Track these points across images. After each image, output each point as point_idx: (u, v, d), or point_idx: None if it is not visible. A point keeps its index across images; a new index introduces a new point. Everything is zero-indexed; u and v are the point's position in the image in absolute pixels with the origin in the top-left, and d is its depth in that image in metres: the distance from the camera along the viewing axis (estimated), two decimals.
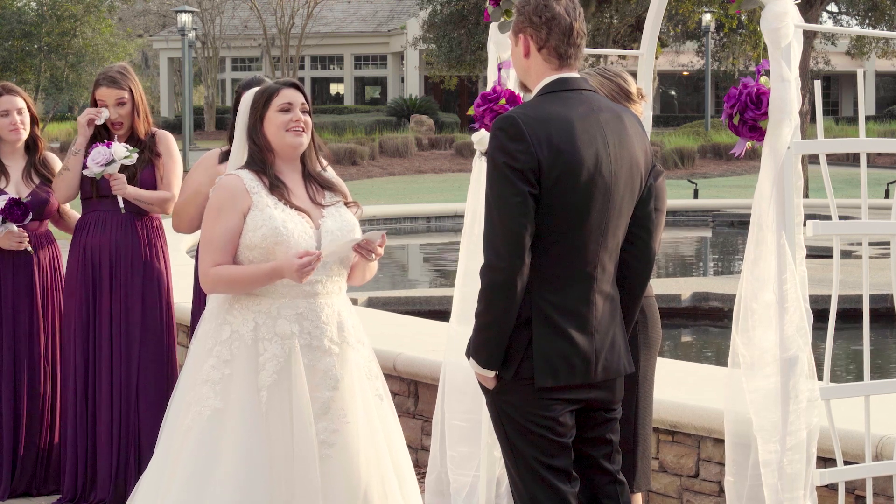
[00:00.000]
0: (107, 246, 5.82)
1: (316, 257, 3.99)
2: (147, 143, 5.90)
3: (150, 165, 5.87)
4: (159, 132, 5.99)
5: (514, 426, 3.61)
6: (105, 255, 5.82)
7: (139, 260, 5.84)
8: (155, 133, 5.97)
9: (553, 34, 3.62)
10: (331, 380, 4.12)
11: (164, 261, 5.95)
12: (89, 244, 5.84)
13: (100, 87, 5.84)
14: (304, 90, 4.26)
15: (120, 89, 5.82)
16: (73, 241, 5.92)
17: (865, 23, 32.89)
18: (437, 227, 20.91)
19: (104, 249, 5.82)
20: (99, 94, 5.84)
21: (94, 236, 5.84)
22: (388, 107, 50.02)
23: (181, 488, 4.04)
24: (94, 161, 5.65)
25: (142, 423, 5.80)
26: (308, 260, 3.98)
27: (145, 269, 5.85)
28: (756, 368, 3.86)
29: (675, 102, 61.03)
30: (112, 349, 5.81)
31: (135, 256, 5.84)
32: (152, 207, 5.85)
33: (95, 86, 5.87)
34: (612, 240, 3.62)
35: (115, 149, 5.66)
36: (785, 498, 3.80)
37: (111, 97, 5.82)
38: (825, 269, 8.74)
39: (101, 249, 5.82)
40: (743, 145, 3.95)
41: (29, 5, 40.07)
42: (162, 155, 5.91)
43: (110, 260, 5.82)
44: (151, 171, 5.88)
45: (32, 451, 6.02)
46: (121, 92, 5.82)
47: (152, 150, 5.90)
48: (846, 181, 24.83)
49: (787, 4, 3.82)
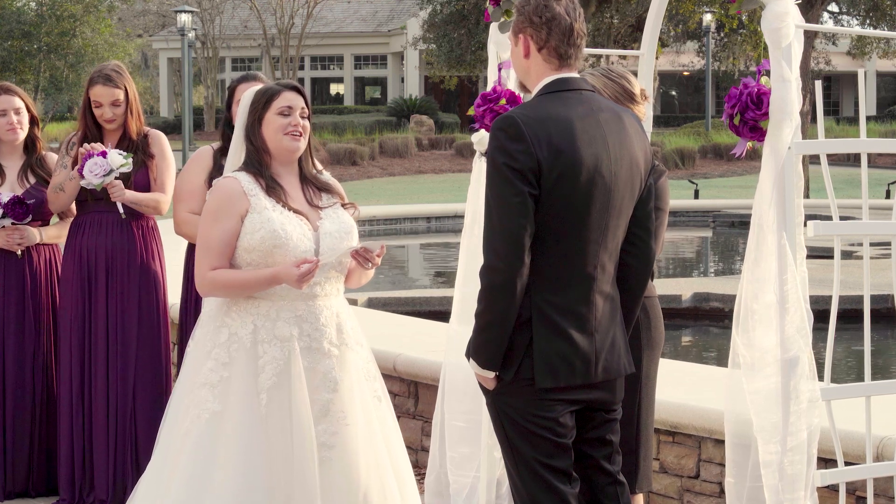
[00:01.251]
0: (102, 248, 5.81)
1: (315, 264, 3.99)
2: (140, 144, 5.87)
3: (143, 167, 5.85)
4: (152, 132, 5.96)
5: (515, 427, 3.60)
6: (101, 256, 5.81)
7: (135, 261, 5.83)
8: (147, 133, 5.93)
9: (553, 34, 3.61)
10: (330, 382, 4.11)
11: (160, 262, 5.94)
12: (84, 246, 5.83)
13: (95, 86, 5.80)
14: (305, 94, 4.25)
15: (116, 88, 5.79)
16: (68, 243, 5.91)
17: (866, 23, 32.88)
18: (437, 228, 20.91)
19: (100, 251, 5.81)
20: (94, 93, 5.80)
21: (89, 238, 5.83)
22: (388, 107, 50.02)
23: (180, 491, 4.03)
24: (93, 173, 5.63)
25: (138, 424, 5.79)
26: (308, 268, 3.98)
27: (141, 270, 5.84)
28: (757, 369, 3.86)
29: (675, 102, 61.04)
30: (108, 350, 5.80)
31: (130, 258, 5.82)
32: (146, 209, 5.84)
33: (90, 84, 5.82)
34: (612, 240, 3.62)
35: (111, 158, 5.63)
36: (785, 499, 3.80)
37: (107, 97, 5.79)
38: (826, 270, 8.73)
39: (96, 251, 5.81)
40: (743, 145, 3.94)
41: (28, 5, 40.08)
42: (155, 156, 5.89)
43: (106, 261, 5.81)
44: (145, 172, 5.86)
45: (22, 452, 5.99)
46: (116, 91, 5.79)
47: (145, 151, 5.87)
48: (847, 181, 24.82)
49: (787, 4, 3.81)
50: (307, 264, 3.98)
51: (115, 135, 5.89)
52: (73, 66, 38.83)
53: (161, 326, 5.88)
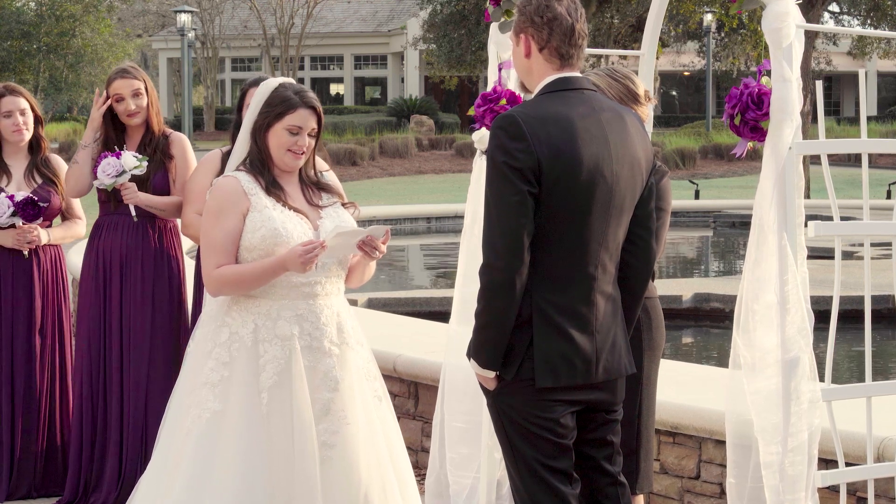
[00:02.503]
0: (118, 249, 5.80)
1: (320, 245, 3.98)
2: (159, 144, 5.85)
3: (162, 168, 5.83)
4: (173, 134, 5.93)
5: (515, 427, 3.59)
6: (116, 257, 5.80)
7: (150, 263, 5.81)
8: (169, 135, 5.91)
9: (555, 34, 3.61)
10: (331, 381, 4.11)
11: (178, 264, 5.91)
12: (102, 247, 5.83)
13: (115, 81, 5.80)
14: (321, 112, 4.21)
15: (135, 79, 5.82)
16: (88, 245, 5.93)
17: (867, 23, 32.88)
18: (438, 228, 20.90)
19: (115, 252, 5.80)
20: (115, 87, 5.79)
21: (106, 240, 5.84)
22: (388, 107, 50.00)
23: (181, 491, 4.03)
24: (105, 173, 5.63)
25: (149, 426, 5.76)
26: (312, 247, 3.96)
27: (156, 272, 5.82)
28: (757, 370, 3.86)
29: (676, 103, 61.04)
30: (122, 353, 5.79)
31: (146, 259, 5.81)
32: (166, 213, 5.82)
33: (109, 83, 5.82)
34: (612, 240, 3.61)
35: (124, 159, 5.63)
36: (786, 499, 3.79)
37: (127, 88, 5.79)
38: (827, 270, 8.73)
39: (112, 252, 5.81)
40: (744, 146, 3.94)
41: (28, 5, 40.08)
42: (175, 157, 5.86)
43: (121, 263, 5.80)
44: (164, 174, 5.83)
45: (31, 453, 6.00)
46: (136, 82, 5.81)
47: (164, 153, 5.85)
48: (847, 182, 24.80)
49: (788, 4, 3.81)
50: (311, 243, 3.98)
51: (138, 132, 5.87)
52: (73, 67, 38.83)
53: (177, 329, 5.85)
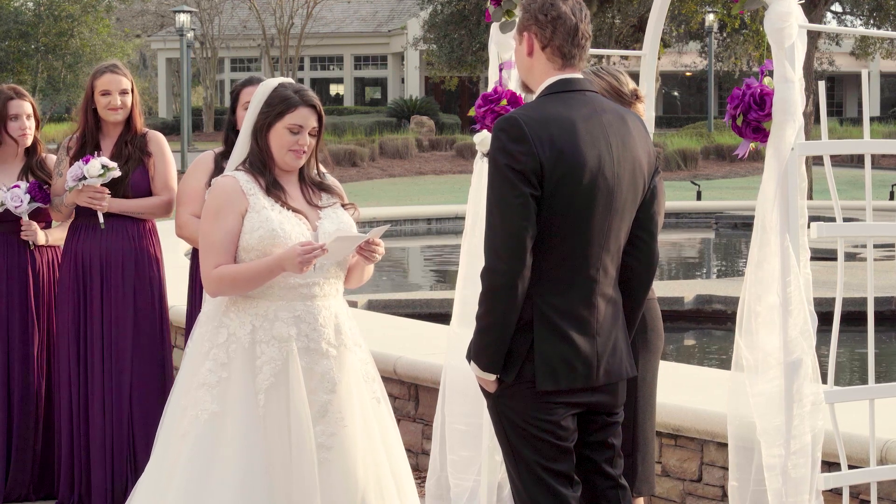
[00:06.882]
0: (97, 251, 5.79)
1: (320, 248, 3.96)
2: (137, 142, 5.86)
3: (140, 166, 5.84)
4: (150, 132, 5.95)
5: (516, 430, 3.59)
6: (95, 260, 5.79)
7: (130, 264, 5.80)
8: (146, 133, 5.93)
9: (558, 33, 3.60)
10: (328, 383, 4.10)
11: (158, 264, 5.90)
12: (79, 250, 5.81)
13: (103, 75, 5.80)
14: (321, 110, 4.20)
15: (123, 77, 5.83)
16: (65, 247, 5.91)
17: (870, 23, 32.89)
18: (438, 230, 20.89)
19: (94, 254, 5.79)
20: (102, 82, 5.79)
21: (84, 242, 5.81)
22: (389, 108, 50.00)
23: (179, 492, 4.02)
24: (71, 175, 5.67)
25: (135, 428, 5.75)
26: (311, 248, 3.95)
27: (136, 273, 5.80)
28: (760, 372, 3.85)
29: (677, 103, 61.07)
30: (104, 355, 5.77)
31: (125, 261, 5.79)
32: (145, 214, 5.83)
33: (95, 76, 5.82)
34: (614, 242, 3.60)
35: (90, 164, 5.63)
36: (789, 502, 3.79)
37: (115, 85, 5.80)
38: (829, 272, 8.69)
39: (90, 255, 5.79)
40: (746, 146, 3.93)
41: (26, 5, 40.10)
42: (153, 154, 5.88)
43: (100, 265, 5.78)
44: (143, 171, 5.84)
45: (27, 455, 5.98)
46: (124, 80, 5.83)
47: (142, 150, 5.86)
48: (850, 183, 24.83)
49: (790, 4, 3.80)
50: (311, 244, 3.96)
51: (117, 130, 5.87)
52: (71, 67, 38.85)
53: (159, 329, 5.85)
